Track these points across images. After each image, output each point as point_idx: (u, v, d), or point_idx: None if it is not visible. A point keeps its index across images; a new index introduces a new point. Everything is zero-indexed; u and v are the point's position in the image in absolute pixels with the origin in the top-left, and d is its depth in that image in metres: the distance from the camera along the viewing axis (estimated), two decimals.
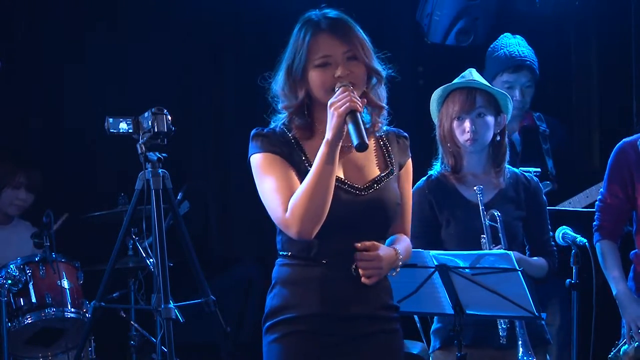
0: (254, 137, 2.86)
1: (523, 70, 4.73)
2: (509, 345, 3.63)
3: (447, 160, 3.77)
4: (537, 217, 3.80)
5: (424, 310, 3.66)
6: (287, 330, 2.81)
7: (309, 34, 2.82)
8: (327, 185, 2.71)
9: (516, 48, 4.76)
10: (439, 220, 3.74)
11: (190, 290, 3.84)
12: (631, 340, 3.91)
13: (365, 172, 2.86)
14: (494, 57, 4.81)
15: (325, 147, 2.71)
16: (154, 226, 3.52)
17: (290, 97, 2.85)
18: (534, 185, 3.83)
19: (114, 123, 3.55)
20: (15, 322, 4.88)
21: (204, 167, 6.12)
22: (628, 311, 3.92)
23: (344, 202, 2.79)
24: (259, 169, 2.83)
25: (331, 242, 2.79)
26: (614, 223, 4.02)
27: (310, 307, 2.79)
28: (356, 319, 2.81)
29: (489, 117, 3.73)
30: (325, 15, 2.85)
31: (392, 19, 5.88)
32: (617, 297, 3.95)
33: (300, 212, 2.71)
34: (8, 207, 5.41)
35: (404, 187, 2.94)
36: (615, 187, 4.00)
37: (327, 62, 2.80)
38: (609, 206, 4.02)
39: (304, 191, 2.72)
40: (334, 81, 2.77)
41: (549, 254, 3.80)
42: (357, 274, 2.80)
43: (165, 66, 5.88)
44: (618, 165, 3.99)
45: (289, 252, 2.85)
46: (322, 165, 2.71)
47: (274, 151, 2.82)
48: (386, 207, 2.84)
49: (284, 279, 2.85)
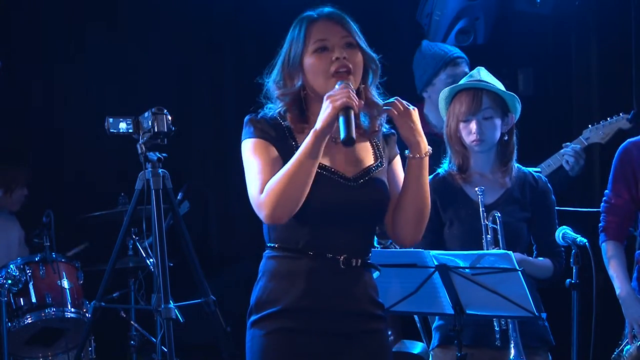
0: (247, 123, 2.84)
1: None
2: (504, 346, 3.63)
3: (455, 160, 3.76)
4: (544, 218, 3.78)
5: (424, 310, 3.66)
6: (272, 327, 2.76)
7: (304, 24, 2.82)
8: (307, 173, 2.69)
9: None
10: (442, 219, 3.74)
11: (190, 290, 3.84)
12: (634, 340, 3.91)
13: (357, 164, 2.84)
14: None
15: (312, 137, 2.69)
16: (154, 226, 3.52)
17: (287, 86, 2.84)
18: (542, 185, 3.81)
19: (114, 123, 3.56)
20: (15, 322, 4.88)
21: (204, 167, 6.12)
22: (631, 311, 3.91)
23: (334, 191, 2.77)
24: (248, 153, 2.81)
25: (319, 234, 2.76)
26: (620, 224, 4.01)
27: (296, 301, 2.75)
28: (344, 315, 2.77)
29: (496, 118, 3.72)
30: (322, 9, 2.86)
31: (392, 19, 5.88)
32: (620, 297, 3.94)
33: (274, 195, 2.69)
34: (15, 205, 5.48)
35: (398, 175, 2.92)
36: (620, 188, 3.99)
37: (325, 45, 2.78)
38: (614, 207, 4.01)
39: (282, 175, 2.69)
40: (331, 65, 2.76)
41: (556, 254, 3.79)
42: (345, 267, 2.77)
43: (165, 66, 5.89)
44: (622, 166, 3.98)
45: (276, 243, 2.81)
46: (305, 154, 2.69)
47: (265, 137, 2.80)
48: (375, 199, 2.82)
49: (270, 272, 2.81)
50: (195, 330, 4.27)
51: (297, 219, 2.74)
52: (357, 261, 2.79)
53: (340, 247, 2.77)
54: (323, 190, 2.75)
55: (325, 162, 2.79)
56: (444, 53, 4.79)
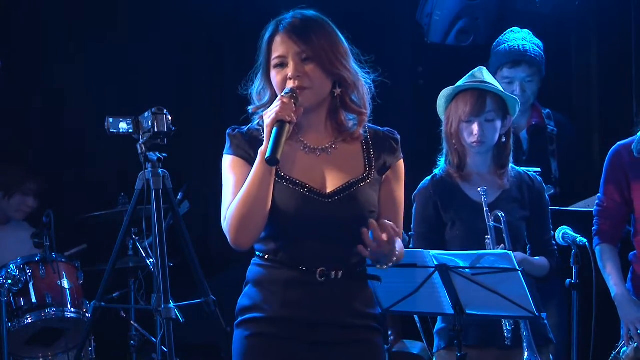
0: (227, 137, 2.85)
1: (522, 65, 4.71)
2: (513, 345, 3.63)
3: (452, 158, 3.76)
4: (539, 217, 3.80)
5: (424, 310, 3.66)
6: (255, 330, 2.78)
7: (268, 34, 2.82)
8: (259, 196, 2.67)
9: (517, 42, 4.74)
10: (443, 220, 3.73)
11: (190, 290, 3.84)
12: (630, 341, 3.91)
13: (335, 177, 2.78)
14: (495, 52, 4.80)
15: (259, 157, 2.68)
16: (154, 226, 3.52)
17: (259, 98, 2.84)
18: (538, 185, 3.83)
19: (114, 123, 3.55)
20: (15, 322, 4.88)
21: (204, 167, 6.11)
22: (626, 313, 3.92)
23: (308, 208, 2.73)
24: (224, 170, 2.83)
25: (298, 246, 2.74)
26: (613, 227, 4.02)
27: (274, 310, 2.75)
28: (322, 326, 2.75)
29: (497, 121, 3.72)
30: (294, 15, 2.82)
31: (392, 19, 5.87)
32: (616, 299, 3.95)
33: (231, 223, 2.71)
34: (15, 213, 5.44)
35: (392, 189, 2.85)
36: (611, 191, 4.00)
37: (283, 62, 2.77)
38: (607, 210, 4.02)
39: (238, 202, 2.70)
40: (287, 81, 2.74)
41: (551, 253, 3.81)
42: (324, 279, 2.74)
43: (165, 66, 5.88)
44: (613, 169, 3.99)
45: (260, 252, 2.82)
46: (254, 177, 2.68)
47: (239, 154, 2.80)
48: (355, 215, 2.74)
49: (254, 279, 2.82)
50: (195, 330, 4.27)
51: (272, 231, 2.75)
52: (337, 273, 2.75)
53: (316, 259, 2.75)
54: (296, 206, 2.72)
55: (301, 176, 2.76)
56: (505, 53, 4.75)
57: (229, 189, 2.78)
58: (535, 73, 4.73)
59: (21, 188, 5.40)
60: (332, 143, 2.82)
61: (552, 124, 4.85)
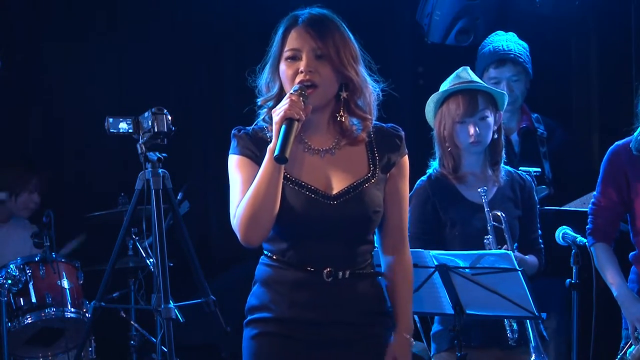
0: (233, 137, 2.85)
1: (507, 64, 4.72)
2: (517, 346, 3.62)
3: (446, 161, 3.76)
4: (529, 215, 3.81)
5: (424, 310, 3.65)
6: (263, 329, 2.78)
7: (284, 27, 2.79)
8: (268, 193, 2.67)
9: (501, 43, 4.75)
10: (442, 221, 3.73)
11: (190, 290, 3.84)
12: (637, 341, 3.89)
13: (340, 179, 2.78)
14: (481, 54, 4.82)
15: (267, 156, 2.68)
16: (154, 226, 3.52)
17: (267, 90, 2.82)
18: (529, 183, 3.85)
19: (114, 123, 3.56)
20: (15, 322, 4.88)
21: (204, 167, 6.12)
22: (631, 311, 3.89)
23: (313, 210, 2.73)
24: (230, 170, 2.83)
25: (304, 247, 2.75)
26: (608, 226, 4.01)
27: (282, 310, 2.76)
28: (329, 325, 2.75)
29: (490, 118, 3.73)
30: (310, 12, 2.80)
31: (392, 19, 5.87)
32: (618, 298, 3.93)
33: (241, 220, 2.71)
34: (22, 211, 5.46)
35: (397, 185, 2.85)
36: (609, 190, 3.99)
37: (296, 55, 2.75)
38: (603, 209, 4.01)
39: (247, 199, 2.69)
40: (297, 75, 2.72)
41: (538, 251, 3.82)
42: (331, 280, 2.74)
43: (165, 66, 5.88)
44: (612, 168, 3.98)
45: (268, 252, 2.82)
46: (264, 174, 2.68)
47: (246, 154, 2.79)
48: (360, 216, 2.75)
49: (261, 279, 2.82)
50: (195, 330, 4.27)
51: (279, 232, 2.75)
52: (345, 273, 2.75)
53: (323, 260, 2.75)
54: (302, 208, 2.72)
55: (306, 178, 2.76)
56: (490, 53, 4.76)
57: (237, 188, 2.78)
58: (520, 72, 4.74)
59: (27, 186, 5.42)
60: (335, 144, 2.82)
61: (542, 127, 4.86)
